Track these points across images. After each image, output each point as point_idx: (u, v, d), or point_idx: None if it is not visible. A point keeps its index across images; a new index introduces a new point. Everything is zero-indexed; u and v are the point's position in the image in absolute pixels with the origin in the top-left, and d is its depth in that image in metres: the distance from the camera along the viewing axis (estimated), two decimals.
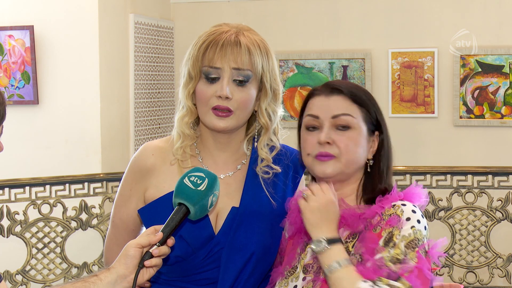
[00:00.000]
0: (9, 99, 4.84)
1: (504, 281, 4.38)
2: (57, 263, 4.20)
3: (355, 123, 1.87)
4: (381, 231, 1.79)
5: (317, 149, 1.88)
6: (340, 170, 1.87)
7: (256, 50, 1.96)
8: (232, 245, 1.96)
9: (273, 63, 2.02)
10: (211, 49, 1.95)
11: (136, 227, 2.09)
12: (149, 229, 1.77)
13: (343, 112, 1.88)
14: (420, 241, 1.77)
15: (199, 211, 1.78)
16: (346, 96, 1.89)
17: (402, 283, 1.70)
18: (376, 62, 5.50)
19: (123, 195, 2.07)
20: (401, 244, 1.75)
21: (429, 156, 5.42)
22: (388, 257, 1.74)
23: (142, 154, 2.05)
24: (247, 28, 2.03)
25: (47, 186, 4.14)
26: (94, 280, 1.70)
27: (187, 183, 1.77)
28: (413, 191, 1.88)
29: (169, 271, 2.00)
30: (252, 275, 1.98)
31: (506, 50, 5.25)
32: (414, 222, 1.79)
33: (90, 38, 4.74)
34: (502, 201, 4.29)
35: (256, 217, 1.98)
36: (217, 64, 1.94)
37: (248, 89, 1.96)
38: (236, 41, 1.95)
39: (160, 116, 5.54)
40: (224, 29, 1.98)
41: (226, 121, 1.96)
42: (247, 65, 1.95)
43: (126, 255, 1.71)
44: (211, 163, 2.04)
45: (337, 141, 1.86)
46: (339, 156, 1.86)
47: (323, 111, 1.89)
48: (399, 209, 1.81)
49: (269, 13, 5.65)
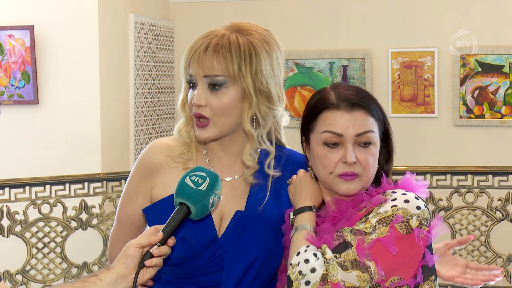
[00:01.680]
0: (9, 99, 4.84)
1: (504, 281, 4.38)
2: (57, 263, 4.20)
3: (375, 137, 1.87)
4: (366, 211, 1.79)
5: (342, 168, 1.84)
6: (361, 187, 1.86)
7: (232, 52, 1.88)
8: (236, 248, 1.94)
9: (260, 63, 1.91)
10: (188, 56, 1.94)
11: (141, 224, 2.07)
12: (150, 229, 1.76)
13: (367, 130, 1.84)
14: (398, 217, 1.74)
15: (200, 211, 1.77)
16: (366, 111, 1.85)
17: (346, 253, 1.70)
18: (376, 62, 5.50)
19: (129, 192, 2.05)
20: (373, 220, 1.74)
21: (429, 156, 5.42)
22: (351, 228, 1.75)
23: (150, 151, 2.03)
24: (245, 27, 1.96)
25: (47, 186, 4.14)
26: (93, 280, 1.69)
27: (188, 183, 1.76)
28: (409, 182, 1.87)
29: (171, 272, 1.98)
30: (255, 280, 1.96)
31: (506, 50, 5.26)
32: (399, 202, 1.76)
33: (90, 38, 4.74)
34: (502, 201, 4.29)
35: (261, 221, 1.96)
36: (191, 71, 1.93)
37: (224, 94, 1.90)
38: (206, 46, 1.89)
39: (160, 116, 5.54)
40: (207, 34, 1.94)
41: (206, 131, 1.93)
42: (216, 70, 1.88)
43: (126, 255, 1.71)
44: (217, 165, 2.01)
45: (361, 159, 1.84)
46: (361, 174, 1.85)
47: (347, 129, 1.83)
48: (388, 195, 1.81)
49: (269, 13, 5.64)
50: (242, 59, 1.89)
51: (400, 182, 1.87)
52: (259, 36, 1.95)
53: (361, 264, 1.70)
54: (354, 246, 1.71)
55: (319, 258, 1.71)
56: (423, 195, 1.85)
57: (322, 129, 1.85)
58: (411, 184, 1.86)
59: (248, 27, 1.96)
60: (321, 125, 1.85)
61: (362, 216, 1.79)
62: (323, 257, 1.72)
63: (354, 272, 1.69)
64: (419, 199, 1.80)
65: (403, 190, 1.82)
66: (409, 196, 1.79)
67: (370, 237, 1.72)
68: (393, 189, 1.84)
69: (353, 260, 1.70)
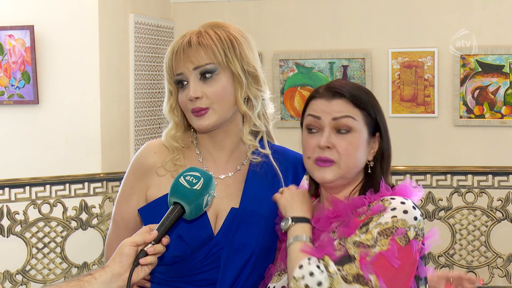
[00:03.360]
0: (9, 99, 4.84)
1: (504, 281, 4.38)
2: (57, 263, 4.20)
3: (355, 125, 1.85)
4: (366, 218, 1.78)
5: (317, 153, 1.86)
6: (339, 175, 1.86)
7: (214, 42, 1.95)
8: (232, 245, 1.96)
9: (242, 48, 1.98)
10: (171, 59, 1.99)
11: (136, 225, 2.08)
12: (144, 228, 1.77)
13: (344, 114, 1.85)
14: (399, 230, 1.74)
15: (194, 211, 1.78)
16: (347, 100, 1.87)
17: (349, 266, 1.70)
18: (376, 62, 5.51)
19: (124, 193, 2.08)
20: (374, 231, 1.74)
21: (429, 156, 5.42)
22: (353, 239, 1.74)
23: (144, 152, 2.05)
24: (215, 24, 2.03)
25: (47, 186, 4.14)
26: (88, 279, 1.69)
27: (183, 182, 1.78)
28: (406, 187, 1.87)
29: (167, 271, 2.00)
30: (251, 276, 1.99)
31: (506, 50, 5.26)
32: (399, 212, 1.77)
33: (90, 38, 4.74)
34: (502, 201, 4.29)
35: (256, 218, 1.98)
36: (178, 70, 1.97)
37: (216, 81, 1.96)
38: (188, 42, 1.96)
39: (160, 116, 5.55)
40: (182, 35, 2.02)
41: (206, 119, 1.96)
42: (205, 60, 1.94)
43: (121, 253, 1.71)
44: (211, 162, 2.04)
45: (337, 145, 1.84)
46: (338, 162, 1.85)
47: (324, 113, 1.87)
48: (387, 202, 1.80)
49: (269, 13, 5.65)
50: (226, 46, 1.96)
51: (397, 188, 1.87)
52: (234, 29, 2.03)
53: (364, 278, 1.71)
54: (358, 259, 1.72)
55: (323, 270, 1.72)
56: (417, 200, 1.86)
57: (306, 115, 1.92)
58: (408, 190, 1.86)
59: (221, 24, 2.04)
60: (307, 112, 1.92)
61: (360, 223, 1.78)
62: (327, 270, 1.72)
63: (356, 285, 1.70)
64: (417, 209, 1.80)
65: (402, 198, 1.82)
66: (407, 205, 1.79)
67: (373, 250, 1.72)
68: (391, 195, 1.84)
69: (355, 274, 1.71)
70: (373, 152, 1.90)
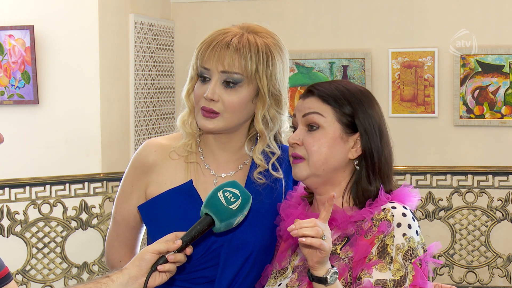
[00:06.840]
0: (9, 99, 4.84)
1: (504, 281, 4.38)
2: (57, 262, 4.20)
3: (323, 122, 1.86)
4: (373, 238, 1.76)
5: (291, 150, 1.91)
6: (310, 172, 1.86)
7: (252, 53, 1.92)
8: (231, 243, 1.96)
9: (275, 68, 1.95)
10: (205, 50, 1.94)
11: (137, 223, 2.09)
12: (169, 235, 1.75)
13: (312, 111, 1.87)
14: (414, 250, 1.75)
15: (223, 227, 1.79)
16: (317, 97, 1.89)
17: None
18: (376, 62, 5.50)
19: (124, 192, 2.07)
20: (398, 257, 1.73)
21: (429, 156, 5.42)
22: (391, 280, 1.71)
23: (144, 151, 2.05)
24: (259, 30, 1.99)
25: (47, 186, 4.14)
26: (106, 281, 1.70)
27: (220, 198, 1.77)
28: (403, 192, 1.86)
29: None
30: (250, 274, 1.99)
31: (506, 50, 5.26)
32: (405, 228, 1.76)
33: (90, 38, 4.74)
34: (502, 201, 4.29)
35: (256, 216, 1.98)
36: (207, 65, 1.94)
37: (238, 93, 1.93)
38: (228, 43, 1.92)
39: (160, 116, 5.55)
40: (225, 31, 1.96)
41: (212, 122, 1.94)
42: (236, 68, 1.91)
43: (141, 258, 1.72)
44: (213, 161, 2.04)
45: (305, 142, 1.86)
46: (307, 158, 1.86)
47: (298, 111, 1.92)
48: (389, 213, 1.78)
49: (269, 13, 5.64)
50: (260, 61, 1.93)
51: (394, 194, 1.86)
52: (273, 40, 2.00)
53: None
54: None
55: None
56: (414, 205, 1.86)
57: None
58: (405, 196, 1.86)
59: (261, 30, 2.01)
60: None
61: (371, 245, 1.76)
62: None
63: None
64: (415, 220, 1.80)
65: (401, 206, 1.81)
66: (408, 218, 1.78)
67: (408, 278, 1.73)
68: (390, 200, 1.83)
69: None
70: (355, 151, 1.87)
